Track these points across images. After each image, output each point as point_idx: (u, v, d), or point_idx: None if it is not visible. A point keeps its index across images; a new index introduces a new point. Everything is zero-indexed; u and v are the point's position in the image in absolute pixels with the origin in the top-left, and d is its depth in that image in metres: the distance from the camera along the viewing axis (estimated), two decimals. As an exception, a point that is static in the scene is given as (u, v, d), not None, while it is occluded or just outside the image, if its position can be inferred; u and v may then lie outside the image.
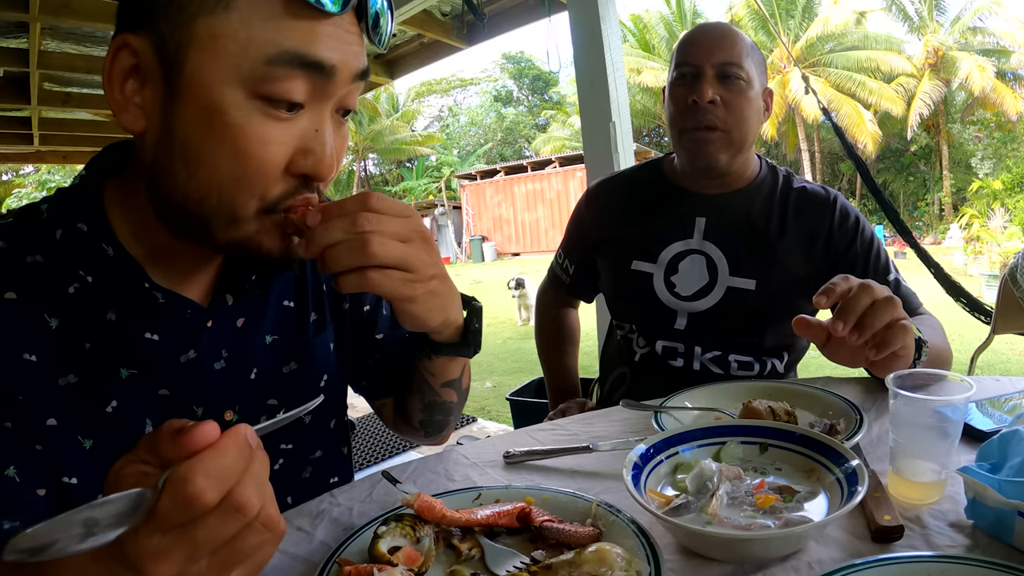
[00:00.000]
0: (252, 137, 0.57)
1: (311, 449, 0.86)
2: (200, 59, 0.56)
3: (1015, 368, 5.22)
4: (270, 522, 0.42)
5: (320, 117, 0.60)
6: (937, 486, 0.68)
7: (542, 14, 3.20)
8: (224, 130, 0.56)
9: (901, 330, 0.80)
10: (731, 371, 1.26)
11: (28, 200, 11.39)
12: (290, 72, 0.56)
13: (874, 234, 1.27)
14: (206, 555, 0.40)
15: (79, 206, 0.66)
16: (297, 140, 0.59)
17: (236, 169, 0.57)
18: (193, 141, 0.57)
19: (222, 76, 0.55)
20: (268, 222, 0.61)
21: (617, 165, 2.52)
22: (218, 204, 0.59)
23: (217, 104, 0.56)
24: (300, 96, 0.57)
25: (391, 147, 27.90)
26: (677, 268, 1.28)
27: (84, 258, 0.65)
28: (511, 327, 8.46)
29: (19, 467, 0.60)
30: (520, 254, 20.47)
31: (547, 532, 0.63)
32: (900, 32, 22.17)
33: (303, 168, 0.60)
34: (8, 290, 0.62)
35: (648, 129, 27.12)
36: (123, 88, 0.59)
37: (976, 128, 19.23)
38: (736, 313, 1.24)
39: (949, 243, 14.17)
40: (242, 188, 0.58)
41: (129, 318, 0.67)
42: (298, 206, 0.61)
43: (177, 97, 0.57)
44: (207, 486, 0.38)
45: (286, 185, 0.60)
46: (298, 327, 0.83)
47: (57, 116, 5.01)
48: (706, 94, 1.20)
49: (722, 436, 0.77)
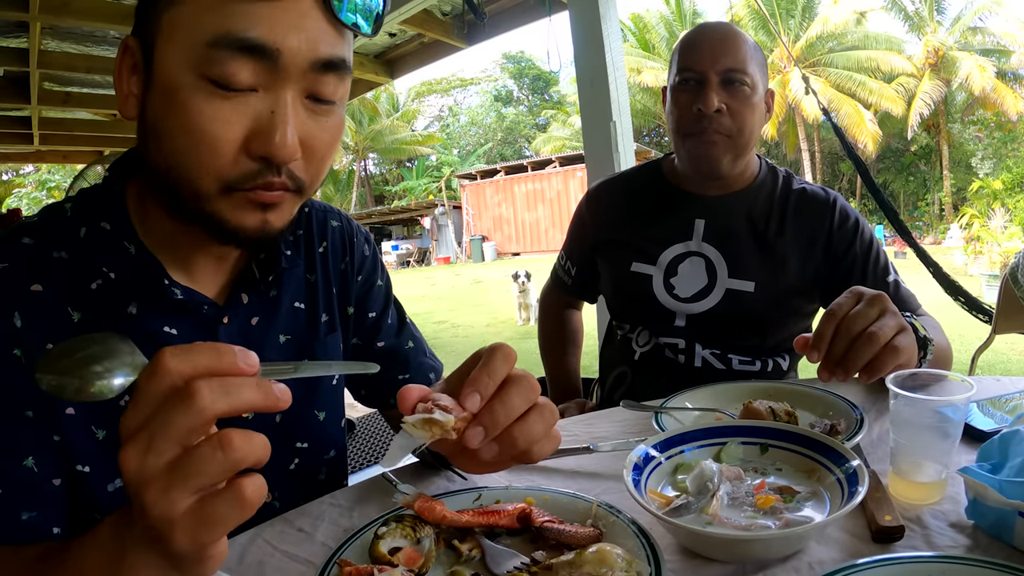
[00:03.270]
0: (199, 114, 0.58)
1: (326, 448, 0.87)
2: (164, 48, 0.60)
3: (1016, 368, 5.22)
4: (227, 443, 0.40)
5: (276, 100, 0.60)
6: (938, 486, 0.68)
7: (542, 14, 3.21)
8: (177, 108, 0.59)
9: (891, 353, 0.80)
10: (732, 366, 1.26)
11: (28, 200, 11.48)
12: (230, 54, 0.57)
13: (873, 235, 1.27)
14: (161, 452, 0.40)
15: (102, 206, 0.70)
16: (250, 120, 0.60)
17: (188, 143, 0.60)
18: (158, 121, 0.61)
19: (177, 61, 0.59)
20: (236, 200, 0.62)
21: (617, 165, 2.52)
22: (179, 178, 0.62)
23: (173, 85, 0.59)
24: (245, 78, 0.58)
25: (391, 147, 27.92)
26: (676, 270, 1.28)
27: (107, 256, 0.68)
28: (511, 327, 8.47)
29: (37, 457, 0.63)
30: (520, 254, 20.48)
31: (547, 533, 0.63)
32: (900, 32, 22.14)
33: (257, 149, 0.60)
34: (35, 282, 0.65)
35: (648, 129, 27.13)
36: (128, 83, 0.64)
37: (976, 128, 19.24)
38: (735, 315, 1.24)
39: (949, 243, 14.17)
40: (198, 163, 0.60)
41: (149, 312, 0.70)
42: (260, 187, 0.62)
43: (150, 84, 0.62)
44: (169, 353, 0.41)
45: (246, 166, 0.61)
46: (309, 327, 0.84)
47: (57, 116, 5.01)
48: (712, 103, 1.19)
49: (723, 436, 0.77)
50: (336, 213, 0.92)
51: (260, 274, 0.77)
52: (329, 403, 0.87)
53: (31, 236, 0.68)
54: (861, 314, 0.81)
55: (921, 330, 0.90)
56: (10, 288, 0.65)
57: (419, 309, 10.43)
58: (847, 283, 1.21)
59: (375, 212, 25.61)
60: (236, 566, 0.67)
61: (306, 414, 0.84)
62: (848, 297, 0.84)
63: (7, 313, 0.63)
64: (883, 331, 0.79)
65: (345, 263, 0.90)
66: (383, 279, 0.96)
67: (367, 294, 0.93)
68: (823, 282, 1.25)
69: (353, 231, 0.92)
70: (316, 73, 0.61)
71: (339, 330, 0.88)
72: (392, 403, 0.95)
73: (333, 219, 0.90)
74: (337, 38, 0.62)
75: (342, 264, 0.89)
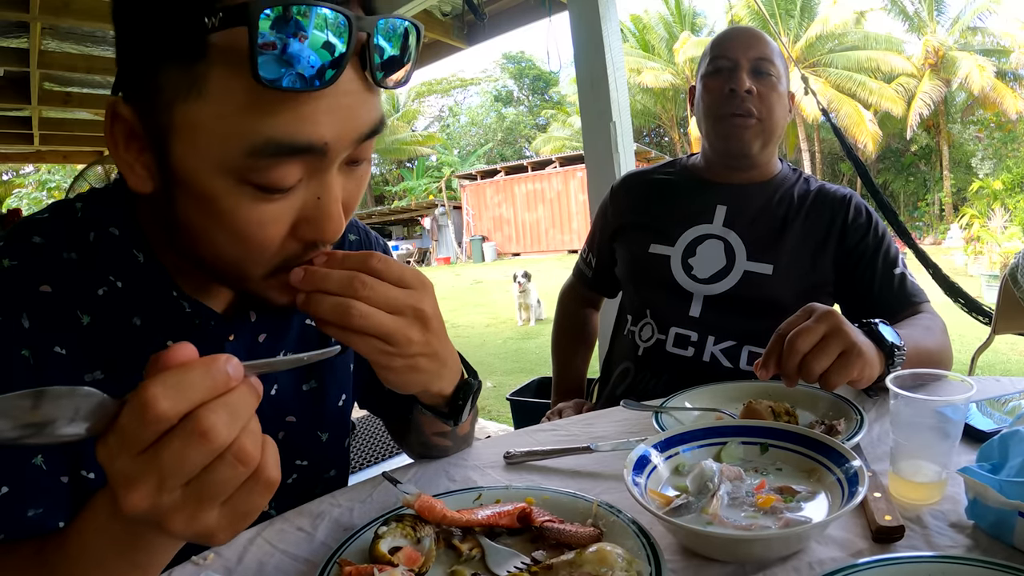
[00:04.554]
0: (247, 221, 0.55)
1: (326, 468, 0.87)
2: (183, 149, 0.54)
3: (1015, 368, 5.22)
4: (244, 455, 0.40)
5: (321, 185, 0.56)
6: (938, 486, 0.68)
7: (542, 14, 3.21)
8: (219, 216, 0.55)
9: (839, 369, 0.83)
10: (740, 365, 1.26)
11: (28, 200, 11.45)
12: (277, 161, 0.52)
13: (886, 232, 1.31)
14: (177, 486, 0.39)
15: (112, 210, 0.67)
16: (296, 212, 0.57)
17: (238, 250, 0.57)
18: (194, 223, 0.57)
19: (207, 166, 0.53)
20: (279, 279, 0.60)
21: (617, 165, 2.52)
22: (226, 270, 0.60)
23: (207, 192, 0.54)
24: (293, 180, 0.54)
25: (391, 147, 27.89)
26: (695, 251, 1.31)
27: (115, 263, 0.66)
28: (511, 327, 8.46)
29: (45, 455, 0.62)
30: (520, 254, 20.46)
31: (548, 532, 0.63)
32: (900, 32, 22.15)
33: (306, 236, 0.58)
34: (44, 283, 0.63)
35: (648, 129, 27.12)
36: (127, 148, 0.58)
37: (976, 128, 19.23)
38: (752, 297, 1.26)
39: (949, 243, 14.16)
40: (246, 262, 0.59)
41: (154, 325, 0.68)
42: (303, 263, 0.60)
43: (172, 180, 0.56)
44: (161, 394, 0.38)
45: (292, 249, 0.59)
46: (320, 346, 0.82)
47: (57, 116, 5.02)
48: (744, 82, 1.27)
49: (723, 436, 0.77)
50: (355, 227, 0.90)
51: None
52: (333, 424, 0.86)
53: (41, 235, 0.65)
54: (809, 330, 0.84)
55: (888, 338, 0.91)
56: (19, 287, 0.62)
57: (419, 309, 10.41)
58: (856, 274, 1.25)
59: (375, 212, 25.60)
60: (236, 566, 0.67)
61: (309, 434, 0.83)
62: (799, 315, 0.88)
63: (15, 313, 0.61)
64: (828, 348, 0.83)
65: None
66: None
67: None
68: (838, 275, 1.28)
69: (371, 243, 0.91)
70: (359, 144, 0.57)
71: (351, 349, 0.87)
72: (392, 415, 0.94)
73: (351, 233, 0.88)
74: (375, 100, 0.57)
75: None
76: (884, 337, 0.91)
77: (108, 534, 0.46)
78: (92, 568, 0.49)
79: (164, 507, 0.40)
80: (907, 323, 1.12)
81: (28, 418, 0.36)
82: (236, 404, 0.40)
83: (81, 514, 0.49)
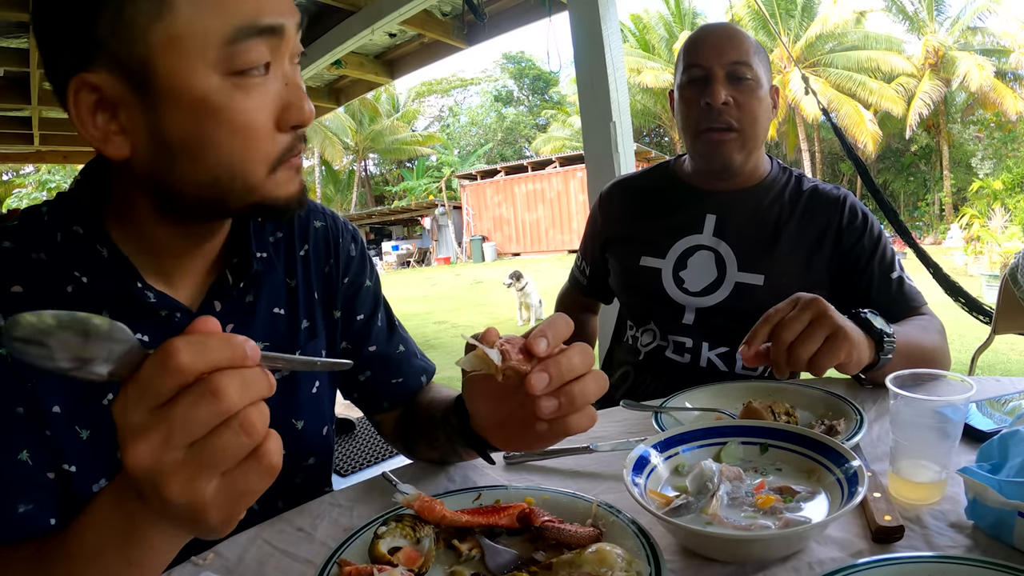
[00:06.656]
0: (239, 110, 0.60)
1: (305, 456, 0.86)
2: (168, 63, 0.58)
3: (1015, 368, 5.22)
4: (249, 426, 0.41)
5: (283, 72, 0.64)
6: (937, 486, 0.68)
7: (542, 14, 3.21)
8: (215, 113, 0.60)
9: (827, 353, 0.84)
10: (736, 370, 1.26)
11: (28, 200, 11.50)
12: (250, 43, 0.59)
13: (883, 232, 1.28)
14: (182, 445, 0.40)
15: (76, 209, 0.69)
16: (275, 98, 0.63)
17: (236, 142, 0.61)
18: (191, 135, 0.61)
19: (195, 69, 0.58)
20: (279, 176, 0.65)
21: (617, 165, 2.52)
22: (230, 180, 0.63)
23: (200, 95, 0.59)
24: (265, 58, 0.61)
25: (391, 147, 27.92)
26: (686, 263, 1.30)
27: (80, 259, 0.68)
28: (512, 327, 8.47)
29: (31, 451, 0.64)
30: (520, 254, 20.47)
31: (547, 532, 0.63)
32: (900, 32, 22.14)
33: (290, 121, 0.64)
34: (15, 284, 0.65)
35: (648, 129, 27.14)
36: (95, 123, 0.61)
37: (976, 128, 19.24)
38: (744, 309, 1.24)
39: (949, 243, 14.15)
40: (247, 158, 0.63)
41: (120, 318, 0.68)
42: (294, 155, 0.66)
43: (160, 106, 0.60)
44: (183, 347, 0.40)
45: (282, 142, 0.64)
46: (289, 334, 0.83)
47: (57, 116, 5.01)
48: (719, 96, 1.20)
49: (722, 436, 0.77)
50: (320, 212, 0.90)
51: (233, 280, 0.76)
52: (308, 412, 0.85)
53: (10, 240, 0.68)
54: (794, 319, 0.85)
55: (877, 325, 0.92)
56: None
57: (419, 309, 10.44)
58: (852, 278, 1.23)
59: (375, 212, 25.61)
60: (236, 566, 0.67)
61: (282, 422, 0.82)
62: (786, 303, 0.88)
63: None
64: (814, 334, 0.84)
65: (329, 265, 0.88)
66: (371, 279, 0.94)
67: (354, 296, 0.91)
68: (833, 279, 1.26)
69: (339, 231, 0.90)
70: (296, 35, 0.65)
71: (321, 336, 0.86)
72: (385, 406, 0.94)
73: (317, 220, 0.88)
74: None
75: (326, 267, 0.87)
76: (873, 324, 0.92)
77: (107, 528, 0.48)
78: (90, 564, 0.50)
79: (165, 466, 0.40)
80: (903, 322, 1.12)
81: (79, 352, 0.39)
82: (250, 379, 0.42)
83: (81, 514, 0.50)
